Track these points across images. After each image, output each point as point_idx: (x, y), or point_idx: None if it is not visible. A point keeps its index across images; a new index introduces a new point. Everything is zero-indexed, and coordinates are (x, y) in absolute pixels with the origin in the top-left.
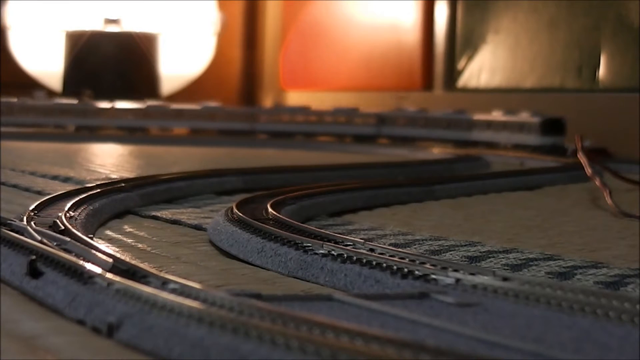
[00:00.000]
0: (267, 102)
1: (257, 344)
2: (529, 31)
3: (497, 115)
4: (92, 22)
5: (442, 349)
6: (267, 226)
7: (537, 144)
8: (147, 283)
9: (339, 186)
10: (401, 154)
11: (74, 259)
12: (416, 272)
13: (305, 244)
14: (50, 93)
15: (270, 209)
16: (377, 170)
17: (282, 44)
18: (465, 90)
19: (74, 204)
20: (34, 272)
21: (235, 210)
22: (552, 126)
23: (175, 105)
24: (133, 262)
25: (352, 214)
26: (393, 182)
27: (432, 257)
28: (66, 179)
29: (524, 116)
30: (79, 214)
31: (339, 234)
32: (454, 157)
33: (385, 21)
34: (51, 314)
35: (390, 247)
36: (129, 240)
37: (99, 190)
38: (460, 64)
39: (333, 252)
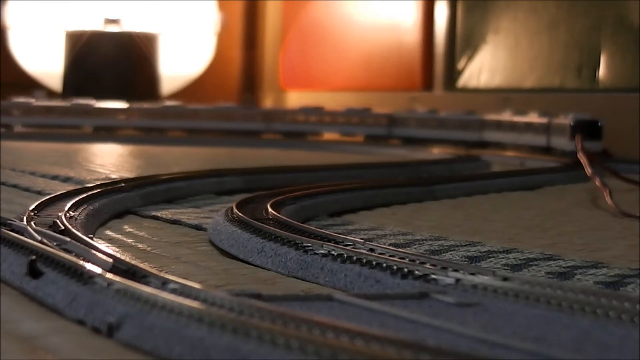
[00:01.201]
0: (267, 102)
1: (257, 344)
2: (529, 31)
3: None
4: (92, 22)
5: (442, 349)
6: (267, 226)
7: (569, 150)
8: (147, 283)
9: (339, 186)
10: (401, 154)
11: (74, 259)
12: (416, 272)
13: (305, 244)
14: (51, 93)
15: (270, 209)
16: (377, 170)
17: (282, 44)
18: (465, 90)
19: (74, 204)
20: (34, 272)
21: (235, 210)
22: (585, 130)
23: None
24: (133, 262)
25: (352, 214)
26: (393, 182)
27: (432, 257)
28: (66, 179)
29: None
30: (79, 214)
31: (339, 234)
32: (454, 157)
33: (385, 21)
34: (51, 314)
35: (390, 247)
36: (129, 240)
37: (99, 190)
38: (460, 64)
39: (333, 252)
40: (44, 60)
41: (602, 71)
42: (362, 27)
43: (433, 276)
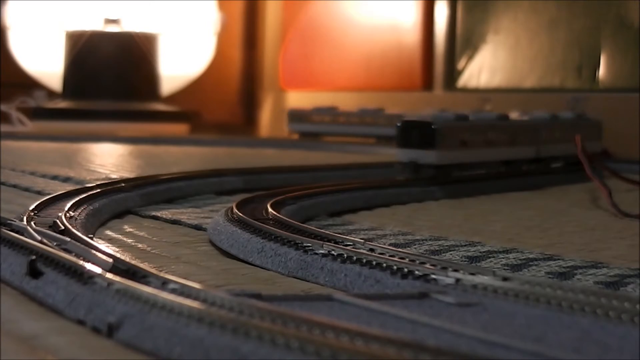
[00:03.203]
0: (267, 102)
1: (257, 344)
2: (529, 31)
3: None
4: (92, 22)
5: (442, 349)
6: (267, 226)
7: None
8: (147, 283)
9: (339, 186)
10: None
11: (74, 259)
12: (416, 272)
13: (305, 244)
14: (51, 93)
15: (270, 209)
16: (377, 170)
17: (282, 44)
18: (465, 90)
19: (74, 204)
20: (34, 272)
21: (235, 210)
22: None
23: None
24: (133, 262)
25: (352, 214)
26: (393, 182)
27: (432, 257)
28: (66, 179)
29: None
30: (79, 214)
31: (339, 234)
32: None
33: (385, 21)
34: (51, 314)
35: (390, 247)
36: (129, 240)
37: (99, 190)
38: (460, 64)
39: (333, 252)
40: (44, 60)
41: (602, 71)
42: (362, 27)
43: (433, 276)
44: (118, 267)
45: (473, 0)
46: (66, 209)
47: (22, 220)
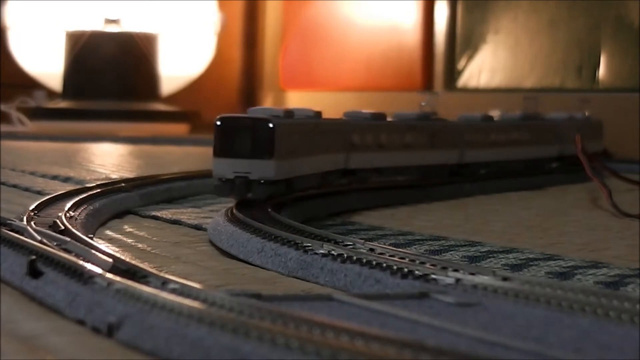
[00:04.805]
0: (267, 102)
1: (257, 344)
2: (529, 31)
3: None
4: (92, 22)
5: (442, 349)
6: (267, 226)
7: None
8: (147, 283)
9: (339, 186)
10: None
11: (74, 259)
12: (416, 272)
13: (305, 244)
14: (51, 93)
15: (270, 209)
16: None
17: (282, 44)
18: (465, 90)
19: (74, 204)
20: (34, 272)
21: (235, 210)
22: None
23: None
24: (133, 262)
25: (352, 214)
26: (393, 182)
27: (432, 257)
28: (66, 179)
29: None
30: (79, 214)
31: (339, 234)
32: None
33: (385, 21)
34: (51, 314)
35: (390, 247)
36: (129, 240)
37: (99, 190)
38: (460, 64)
39: (333, 252)
40: (44, 60)
41: (602, 71)
42: (363, 28)
43: (433, 276)
44: (118, 267)
45: (473, 0)
46: (66, 209)
47: (22, 220)
